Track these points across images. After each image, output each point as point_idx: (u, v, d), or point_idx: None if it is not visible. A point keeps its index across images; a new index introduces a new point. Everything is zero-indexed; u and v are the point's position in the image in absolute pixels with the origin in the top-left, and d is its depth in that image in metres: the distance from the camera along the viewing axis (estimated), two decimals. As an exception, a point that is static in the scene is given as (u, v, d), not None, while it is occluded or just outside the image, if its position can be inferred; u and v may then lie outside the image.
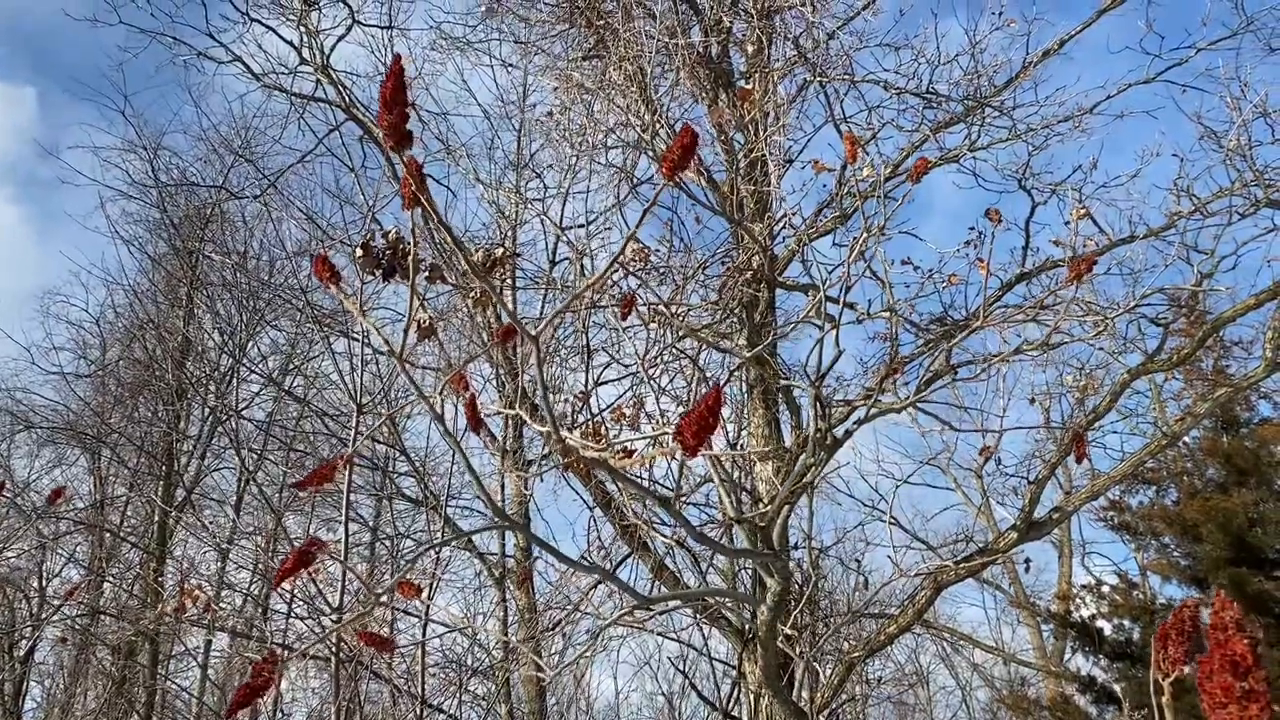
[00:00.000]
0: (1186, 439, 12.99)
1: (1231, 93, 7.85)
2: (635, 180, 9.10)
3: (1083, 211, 5.91)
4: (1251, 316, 7.62)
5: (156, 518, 14.56)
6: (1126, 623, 13.98)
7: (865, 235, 3.90)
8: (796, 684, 6.42)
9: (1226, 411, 13.47)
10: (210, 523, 14.21)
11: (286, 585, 10.05)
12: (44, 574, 13.98)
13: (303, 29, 10.57)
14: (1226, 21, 9.31)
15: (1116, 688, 13.27)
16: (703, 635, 10.49)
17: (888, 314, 5.27)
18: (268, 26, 10.91)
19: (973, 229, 7.47)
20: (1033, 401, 11.98)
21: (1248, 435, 13.67)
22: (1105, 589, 14.60)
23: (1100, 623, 14.17)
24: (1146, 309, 7.84)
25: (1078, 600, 15.04)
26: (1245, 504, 12.80)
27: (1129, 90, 9.22)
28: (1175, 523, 13.42)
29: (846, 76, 8.98)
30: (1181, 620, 1.73)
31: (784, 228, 8.25)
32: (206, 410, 15.78)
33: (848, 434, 4.43)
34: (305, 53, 10.70)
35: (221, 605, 11.76)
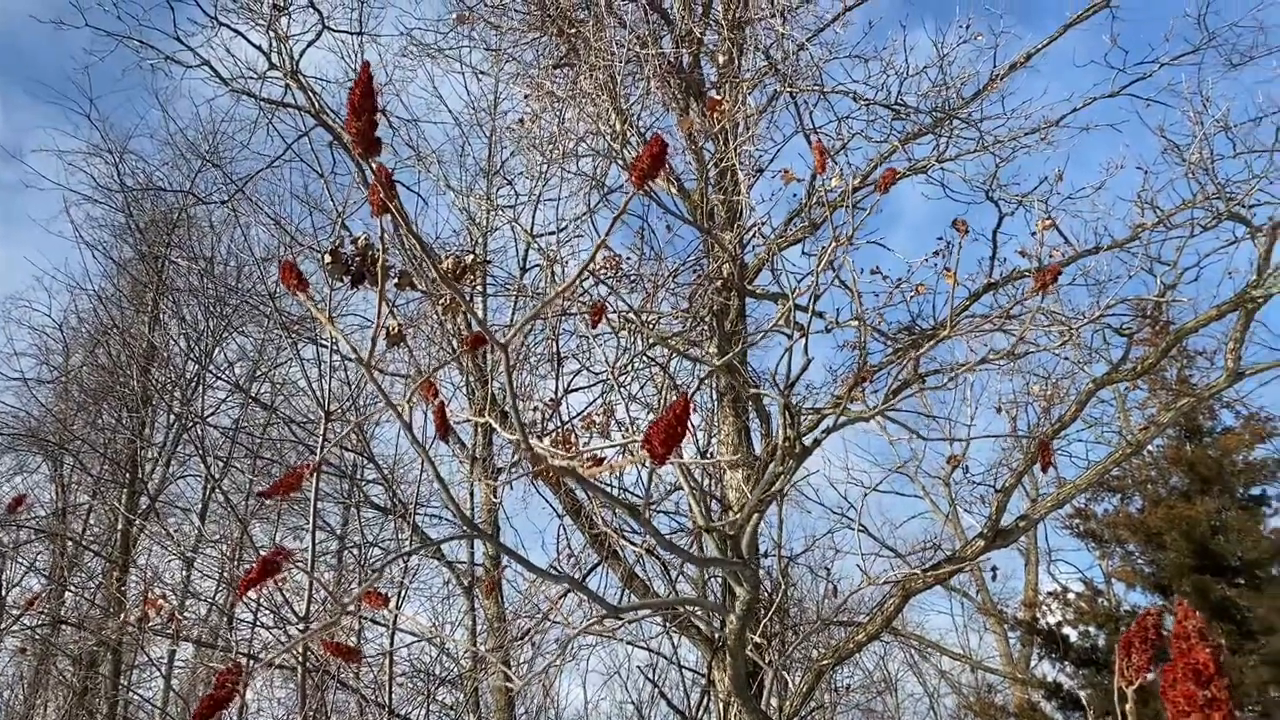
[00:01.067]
0: (1151, 447, 13.16)
1: (1194, 107, 7.99)
2: (606, 189, 9.11)
3: (1048, 223, 5.98)
4: (1214, 327, 7.75)
5: (120, 526, 14.36)
6: (1092, 629, 14.11)
7: (834, 245, 3.92)
8: (765, 692, 6.43)
9: (1190, 420, 13.66)
10: (175, 531, 14.05)
11: (252, 594, 9.96)
12: (4, 583, 13.76)
13: (272, 34, 10.50)
14: (1189, 37, 9.50)
15: (1081, 694, 13.39)
16: (672, 643, 10.51)
17: (856, 323, 5.31)
18: (236, 31, 10.84)
19: (941, 239, 7.55)
20: (1000, 410, 12.10)
21: (1211, 444, 13.86)
22: (1071, 596, 14.74)
23: (1066, 630, 14.30)
24: (1111, 319, 7.94)
25: (1044, 607, 15.17)
26: (1208, 512, 12.97)
27: (1094, 104, 9.38)
28: (1139, 530, 13.58)
29: (816, 88, 9.04)
30: (1145, 628, 1.74)
31: (754, 236, 8.28)
32: (172, 417, 15.61)
33: (816, 442, 4.45)
34: (274, 58, 10.63)
35: (186, 615, 11.63)
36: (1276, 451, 13.73)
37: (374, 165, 2.48)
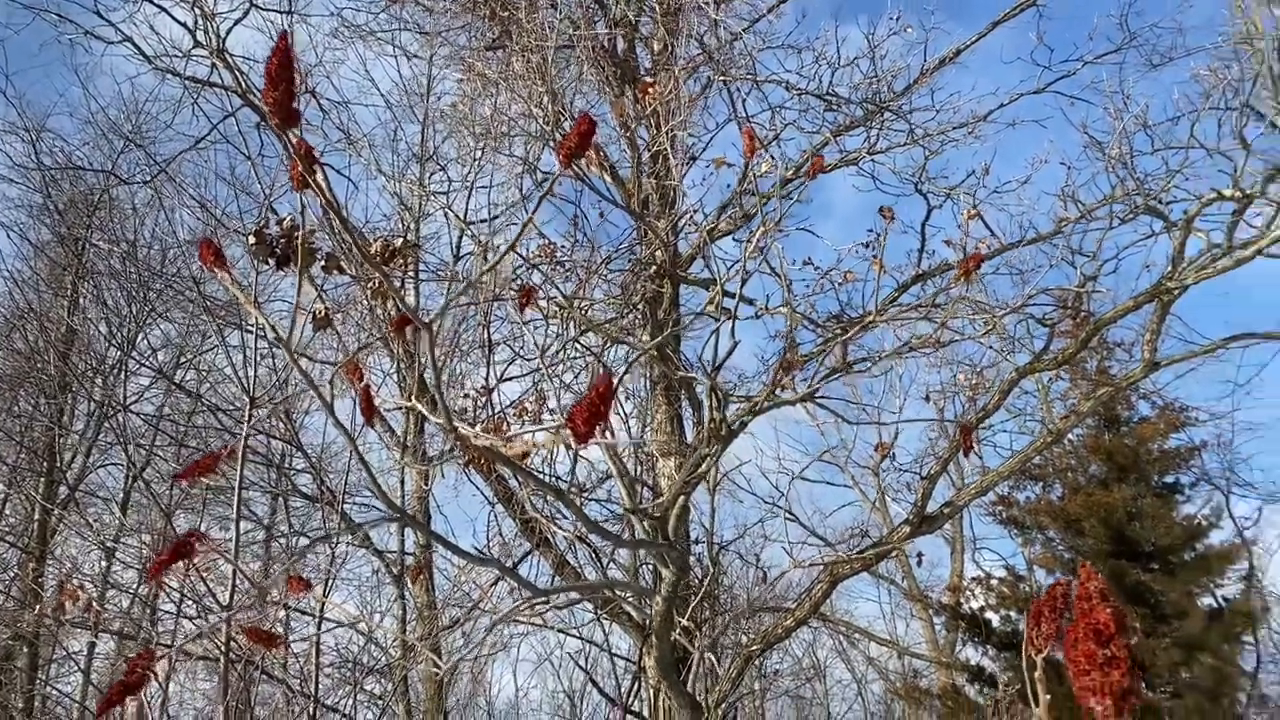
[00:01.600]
0: (1071, 436, 13.51)
1: (1115, 105, 8.20)
2: (540, 174, 9.06)
3: (974, 212, 6.09)
4: (1131, 318, 7.96)
5: (37, 516, 13.95)
6: (1013, 614, 14.47)
7: (763, 230, 3.95)
8: (691, 675, 6.48)
9: (1108, 410, 14.05)
10: (95, 521, 13.69)
11: (175, 584, 9.73)
12: (-87, 575, 13.30)
13: (197, 11, 10.22)
14: (1112, 37, 9.70)
15: (1003, 677, 13.73)
16: (604, 630, 10.51)
17: (785, 309, 5.36)
18: (160, 7, 10.51)
19: (870, 230, 7.63)
20: (928, 399, 12.28)
21: (1128, 433, 14.29)
22: (994, 582, 15.09)
23: (989, 614, 14.64)
24: (1034, 309, 8.11)
25: (968, 593, 15.49)
26: (1125, 499, 13.38)
27: (1020, 100, 9.55)
28: (1059, 517, 13.95)
29: (749, 76, 9.07)
30: (1054, 598, 1.79)
31: (687, 224, 8.30)
32: (92, 404, 15.18)
33: (742, 425, 4.48)
34: (200, 35, 10.34)
35: (106, 606, 11.34)
36: (1190, 441, 14.22)
37: (293, 137, 2.43)
